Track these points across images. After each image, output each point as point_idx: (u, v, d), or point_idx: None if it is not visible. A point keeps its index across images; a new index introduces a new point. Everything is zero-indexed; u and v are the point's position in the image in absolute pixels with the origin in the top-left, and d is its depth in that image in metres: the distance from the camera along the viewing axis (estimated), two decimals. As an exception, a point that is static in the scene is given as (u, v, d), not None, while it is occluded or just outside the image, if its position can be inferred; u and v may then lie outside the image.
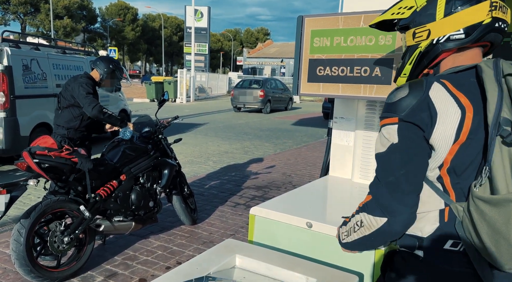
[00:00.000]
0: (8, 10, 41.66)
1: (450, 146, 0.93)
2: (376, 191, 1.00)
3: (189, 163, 6.77)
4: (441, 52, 1.01)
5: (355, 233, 1.06)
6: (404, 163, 0.96)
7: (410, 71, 1.08)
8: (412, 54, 1.05)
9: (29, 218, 2.56)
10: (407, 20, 1.06)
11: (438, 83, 0.96)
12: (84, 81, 3.32)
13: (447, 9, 0.97)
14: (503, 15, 0.97)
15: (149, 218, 3.33)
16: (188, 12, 27.61)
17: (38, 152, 2.65)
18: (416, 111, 0.94)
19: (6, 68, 5.45)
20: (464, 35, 0.97)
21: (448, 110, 0.92)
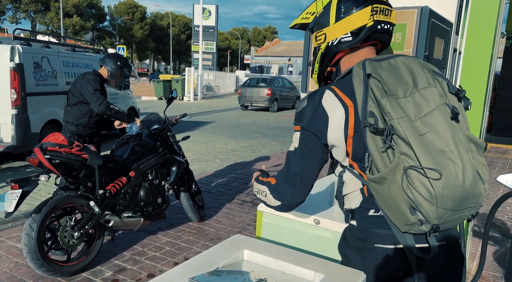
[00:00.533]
0: (19, 8, 42.19)
1: (344, 141, 1.08)
2: (279, 179, 1.21)
3: (196, 161, 6.81)
4: (336, 53, 1.17)
5: (260, 196, 1.30)
6: (300, 165, 1.14)
7: (318, 69, 1.23)
8: (317, 55, 1.21)
9: (40, 213, 2.61)
10: (310, 24, 1.22)
11: (329, 91, 1.10)
12: (92, 78, 3.35)
13: (337, 15, 1.12)
14: (385, 17, 1.12)
15: (158, 214, 3.37)
16: (196, 10, 27.67)
17: (49, 148, 2.69)
18: (312, 120, 1.10)
19: (17, 66, 5.53)
20: (351, 37, 1.12)
21: (335, 113, 1.07)
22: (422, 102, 0.99)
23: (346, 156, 1.13)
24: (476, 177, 0.99)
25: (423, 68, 1.05)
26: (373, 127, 0.98)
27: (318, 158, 1.14)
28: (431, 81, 1.03)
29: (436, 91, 1.02)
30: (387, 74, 1.02)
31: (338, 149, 1.13)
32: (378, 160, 1.00)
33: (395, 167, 0.97)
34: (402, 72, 1.03)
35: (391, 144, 0.96)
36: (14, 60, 5.53)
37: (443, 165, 0.95)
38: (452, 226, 1.07)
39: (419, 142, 0.95)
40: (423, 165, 0.94)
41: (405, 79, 1.02)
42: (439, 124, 0.98)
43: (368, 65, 1.05)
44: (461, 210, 1.00)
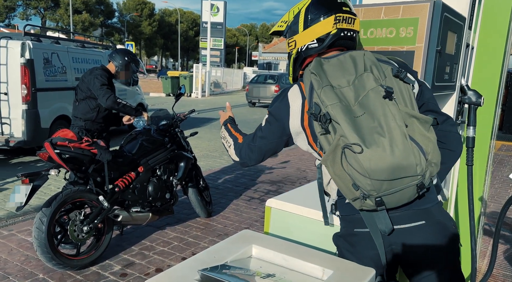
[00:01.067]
0: (29, 5, 42.59)
1: (301, 127, 1.23)
2: (244, 142, 1.38)
3: (204, 157, 6.83)
4: (305, 58, 1.30)
5: (225, 143, 1.47)
6: (260, 141, 1.31)
7: (292, 72, 1.36)
8: (290, 59, 1.34)
9: (50, 207, 2.63)
10: (284, 32, 1.35)
11: (296, 85, 1.26)
12: (100, 73, 3.36)
13: (305, 24, 1.26)
14: (348, 25, 1.24)
15: (166, 209, 3.39)
16: (205, 6, 27.65)
17: (59, 142, 2.72)
18: (277, 107, 1.27)
19: (28, 62, 5.59)
20: (317, 44, 1.26)
21: (295, 103, 1.23)
22: (359, 88, 1.11)
23: (308, 144, 1.26)
24: (410, 148, 1.05)
25: (363, 57, 1.17)
26: (313, 115, 1.12)
27: (276, 140, 1.31)
28: (367, 67, 1.14)
29: (371, 76, 1.12)
30: (333, 68, 1.16)
31: (300, 136, 1.26)
32: (324, 143, 1.13)
33: (334, 148, 1.08)
34: (347, 65, 1.16)
35: (326, 128, 1.09)
36: (25, 56, 5.59)
37: (370, 139, 1.04)
38: (399, 199, 1.11)
39: (352, 123, 1.06)
40: (350, 141, 1.04)
41: (349, 70, 1.15)
42: (372, 104, 1.08)
43: (313, 63, 1.19)
44: (398, 180, 1.06)
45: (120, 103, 3.32)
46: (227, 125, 1.53)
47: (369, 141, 1.04)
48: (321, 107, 1.11)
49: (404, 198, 1.11)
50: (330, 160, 1.10)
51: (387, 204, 1.11)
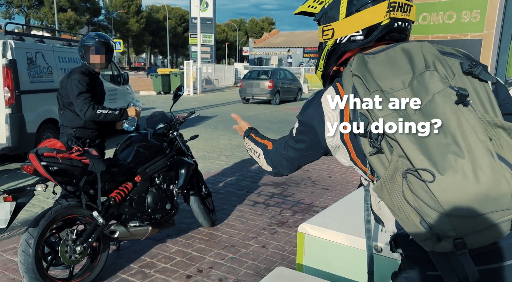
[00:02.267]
0: (12, 4, 41.45)
1: (341, 141, 0.99)
2: (274, 149, 1.20)
3: (201, 158, 6.53)
4: (344, 53, 1.05)
5: (253, 155, 1.29)
6: (291, 151, 1.12)
7: (323, 67, 1.12)
8: (323, 51, 1.09)
9: (38, 227, 2.33)
10: (317, 15, 1.09)
11: (332, 87, 1.01)
12: (77, 78, 2.87)
13: (348, 9, 1.00)
14: (403, 15, 0.99)
15: (166, 221, 3.10)
16: (193, 2, 27.12)
17: (46, 153, 2.40)
18: (309, 115, 1.04)
19: (10, 62, 5.21)
20: (362, 36, 1.00)
21: (331, 110, 0.97)
22: (420, 91, 0.85)
23: (351, 160, 1.02)
24: (500, 171, 0.78)
25: (421, 50, 0.92)
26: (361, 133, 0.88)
27: (310, 152, 1.10)
28: (429, 64, 0.89)
29: (435, 75, 0.86)
30: (381, 67, 0.92)
31: (340, 150, 1.03)
32: (376, 165, 0.89)
33: (392, 173, 0.84)
34: (400, 61, 0.91)
35: (379, 147, 0.85)
36: (7, 56, 5.20)
37: (443, 162, 0.79)
38: (486, 239, 0.83)
39: (416, 139, 0.81)
40: (416, 166, 0.80)
41: (404, 68, 0.90)
42: (441, 113, 0.82)
43: (355, 61, 0.94)
44: (486, 215, 0.78)
45: (101, 114, 2.84)
46: (250, 135, 1.35)
47: (442, 165, 0.78)
48: (369, 119, 0.87)
49: (494, 237, 0.84)
50: (387, 189, 0.85)
51: (470, 245, 0.84)
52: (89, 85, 2.91)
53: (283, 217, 3.93)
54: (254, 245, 3.27)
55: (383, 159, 0.87)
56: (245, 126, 1.41)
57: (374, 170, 0.91)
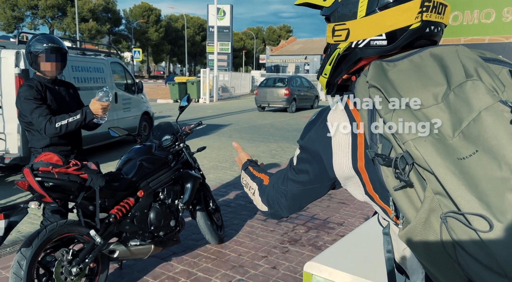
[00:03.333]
0: (37, 15, 42.89)
1: (354, 172, 0.80)
2: (271, 185, 1.00)
3: (214, 169, 6.37)
4: (360, 60, 0.85)
5: (249, 192, 1.10)
6: (292, 185, 0.93)
7: (330, 73, 0.92)
8: (331, 54, 0.89)
9: (31, 247, 2.19)
10: (328, 10, 0.88)
11: (340, 102, 0.83)
12: (24, 93, 2.51)
13: (370, 6, 0.79)
14: (438, 17, 0.79)
15: (171, 239, 2.92)
16: (211, 11, 27.34)
17: (42, 168, 2.27)
18: (311, 138, 0.85)
19: (22, 72, 5.20)
20: (386, 42, 0.80)
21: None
22: (460, 106, 0.65)
23: (366, 194, 0.82)
24: None
25: (458, 56, 0.72)
26: (380, 157, 0.68)
27: (314, 185, 0.90)
28: (471, 72, 0.68)
29: (480, 86, 0.66)
30: (405, 76, 0.72)
31: (352, 181, 0.82)
32: (403, 204, 0.67)
33: (427, 215, 0.63)
34: (429, 70, 0.72)
35: (407, 180, 0.65)
36: (19, 66, 5.20)
37: (502, 204, 0.58)
38: None
39: (457, 170, 0.60)
40: (462, 209, 0.58)
41: (435, 78, 0.70)
42: (491, 135, 0.62)
43: (372, 70, 0.74)
44: None
45: (62, 126, 2.48)
46: (247, 168, 1.16)
47: (500, 208, 0.57)
48: (393, 143, 0.68)
49: None
50: (419, 237, 0.64)
51: None
52: (42, 98, 2.54)
53: (296, 233, 3.71)
54: (264, 266, 3.06)
55: (412, 196, 0.67)
56: (245, 158, 1.21)
57: (399, 210, 0.70)
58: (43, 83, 2.60)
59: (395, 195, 0.69)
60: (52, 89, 2.65)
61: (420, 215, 0.63)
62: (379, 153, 0.69)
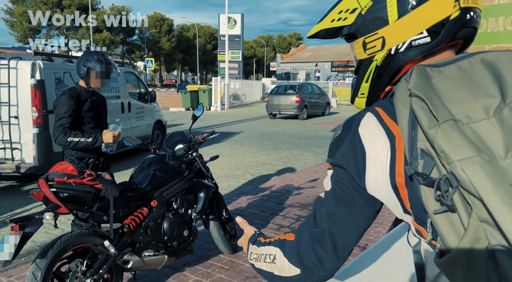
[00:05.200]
0: (52, 26, 43.92)
1: (391, 190, 0.72)
2: (300, 234, 0.85)
3: (226, 177, 6.35)
4: (405, 64, 0.79)
5: (264, 263, 0.90)
6: (331, 216, 0.80)
7: (369, 91, 0.85)
8: (367, 70, 0.83)
9: (46, 258, 2.19)
10: (352, 27, 0.83)
11: (371, 114, 0.76)
12: (61, 100, 2.83)
13: (400, 7, 0.75)
14: (473, 2, 0.74)
15: (184, 249, 2.90)
16: (222, 20, 27.64)
17: (57, 179, 2.29)
18: (344, 154, 0.78)
19: (38, 83, 5.30)
20: (430, 38, 0.75)
21: (376, 146, 0.73)
22: None
23: (405, 213, 0.74)
24: None
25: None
26: (422, 177, 0.61)
27: (360, 206, 0.78)
28: None
29: None
30: (452, 85, 0.65)
31: (388, 201, 0.75)
32: (444, 229, 0.61)
33: (472, 245, 0.56)
34: (480, 78, 0.64)
35: (450, 204, 0.58)
36: (35, 77, 5.30)
37: None
38: None
39: (509, 198, 0.53)
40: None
41: (487, 88, 0.63)
42: None
43: (415, 76, 0.67)
44: None
45: (72, 142, 2.78)
46: (256, 240, 0.98)
47: None
48: (436, 161, 0.61)
49: None
50: (459, 266, 0.58)
51: None
52: (77, 107, 2.85)
53: (310, 243, 3.64)
54: (278, 277, 3.01)
55: (455, 220, 0.60)
56: (251, 232, 1.06)
57: (439, 234, 0.62)
58: (83, 93, 2.96)
59: (435, 219, 0.62)
60: (90, 99, 3.01)
61: (463, 244, 0.57)
62: (420, 171, 0.62)
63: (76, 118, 2.86)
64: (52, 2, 41.92)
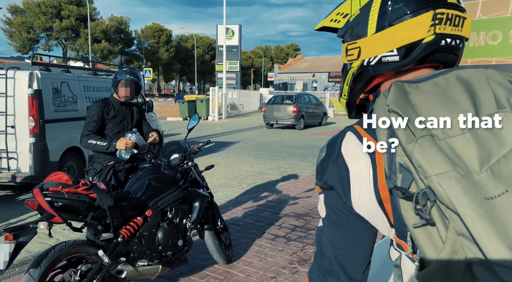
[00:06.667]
0: (51, 36, 44.20)
1: (378, 206, 0.73)
2: (311, 273, 0.82)
3: (222, 186, 6.36)
4: (374, 77, 0.82)
5: None
6: (333, 242, 0.79)
7: (348, 94, 0.89)
8: (347, 74, 0.87)
9: (39, 268, 2.19)
10: (342, 31, 0.87)
11: (351, 132, 0.77)
12: (93, 106, 3.21)
13: (380, 22, 0.77)
14: (454, 29, 0.75)
15: (178, 259, 2.90)
16: (220, 31, 27.91)
17: (51, 188, 2.29)
18: (331, 175, 0.77)
19: (35, 92, 5.32)
20: (397, 57, 0.77)
21: (358, 164, 0.74)
22: (490, 140, 0.60)
23: (391, 227, 0.75)
24: None
25: (488, 82, 0.66)
26: (401, 191, 0.63)
27: (357, 226, 0.77)
28: (502, 102, 0.62)
29: None
30: (429, 101, 0.67)
31: (375, 218, 0.75)
32: (423, 242, 0.61)
33: (450, 258, 0.57)
34: (456, 95, 0.66)
35: (428, 218, 0.59)
36: (33, 87, 5.33)
37: None
38: None
39: (484, 212, 0.54)
40: (490, 257, 0.53)
41: (462, 104, 0.65)
42: None
43: (393, 92, 0.69)
44: None
45: (91, 144, 3.10)
46: None
47: None
48: (414, 175, 0.62)
49: None
50: (439, 280, 0.59)
51: None
52: (103, 115, 3.18)
53: (306, 253, 3.64)
54: (273, 287, 3.00)
55: (433, 234, 0.61)
56: None
57: (418, 248, 0.63)
58: (112, 103, 3.26)
59: (414, 232, 0.63)
60: (118, 108, 3.28)
61: (441, 257, 0.58)
62: (399, 185, 0.63)
63: (101, 124, 3.19)
64: (51, 13, 42.22)
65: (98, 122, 3.15)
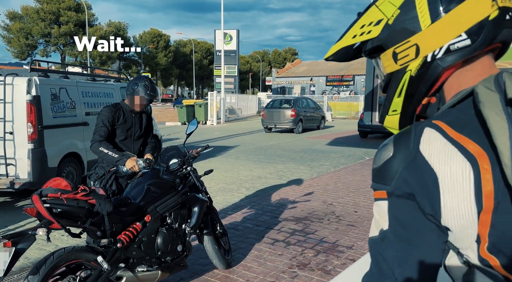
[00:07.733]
0: (49, 42, 44.27)
1: (475, 218, 0.61)
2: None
3: (221, 191, 6.35)
4: (443, 71, 0.71)
5: None
6: (399, 262, 0.67)
7: (402, 106, 0.77)
8: (399, 83, 0.76)
9: (38, 274, 2.18)
10: (380, 39, 0.76)
11: (431, 129, 0.66)
12: (104, 111, 3.23)
13: (433, 11, 0.69)
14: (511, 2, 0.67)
15: (178, 264, 2.90)
16: (218, 36, 27.98)
17: (50, 194, 2.30)
18: (408, 180, 0.65)
19: (34, 98, 5.33)
20: (470, 40, 0.67)
21: (451, 168, 0.62)
22: None
23: (475, 242, 0.63)
24: None
25: None
26: None
27: (432, 241, 0.66)
28: None
29: None
30: None
31: (465, 231, 0.63)
32: None
33: None
34: None
35: None
36: (31, 93, 5.34)
37: None
38: None
39: None
40: None
41: None
42: None
43: (508, 82, 0.60)
44: None
45: (101, 152, 3.10)
46: None
47: None
48: None
49: None
50: None
51: None
52: (113, 120, 3.22)
53: (305, 257, 3.64)
54: (272, 291, 3.00)
55: None
56: None
57: None
58: (123, 109, 3.30)
59: None
60: (128, 115, 3.32)
61: None
62: None
63: (112, 129, 3.23)
64: (50, 19, 42.32)
65: (108, 127, 3.19)
